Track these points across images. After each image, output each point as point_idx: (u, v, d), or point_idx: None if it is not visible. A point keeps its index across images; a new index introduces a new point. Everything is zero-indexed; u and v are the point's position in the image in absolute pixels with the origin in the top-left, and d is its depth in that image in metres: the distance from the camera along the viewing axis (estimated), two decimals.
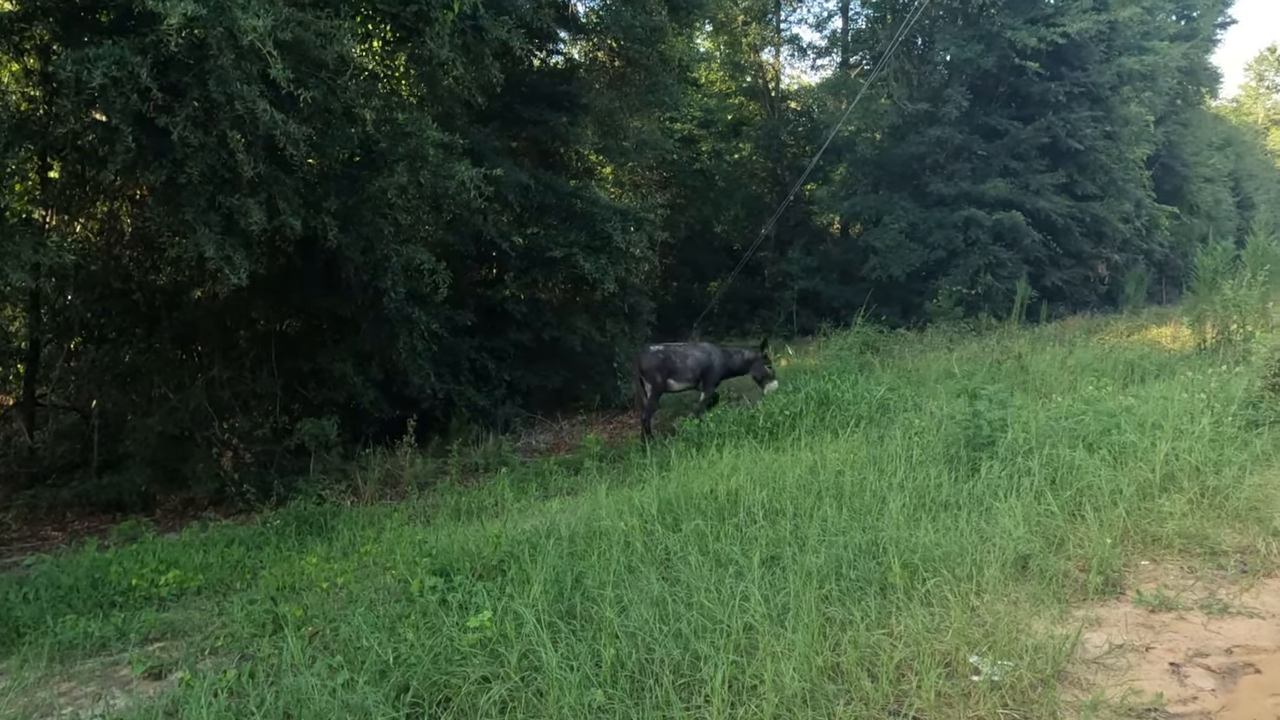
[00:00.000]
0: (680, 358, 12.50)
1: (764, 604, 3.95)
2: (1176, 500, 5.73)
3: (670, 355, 12.53)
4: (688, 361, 12.48)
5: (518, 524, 7.02)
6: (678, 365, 12.44)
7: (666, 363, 12.48)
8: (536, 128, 14.42)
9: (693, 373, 12.53)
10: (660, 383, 12.50)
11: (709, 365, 12.60)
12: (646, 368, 12.52)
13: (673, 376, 12.49)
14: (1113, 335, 18.18)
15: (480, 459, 11.54)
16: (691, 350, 12.75)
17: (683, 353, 12.60)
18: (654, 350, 12.70)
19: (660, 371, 12.48)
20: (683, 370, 12.47)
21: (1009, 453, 6.54)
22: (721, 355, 12.79)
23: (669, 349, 12.72)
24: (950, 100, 23.99)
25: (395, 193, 9.88)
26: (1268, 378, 8.06)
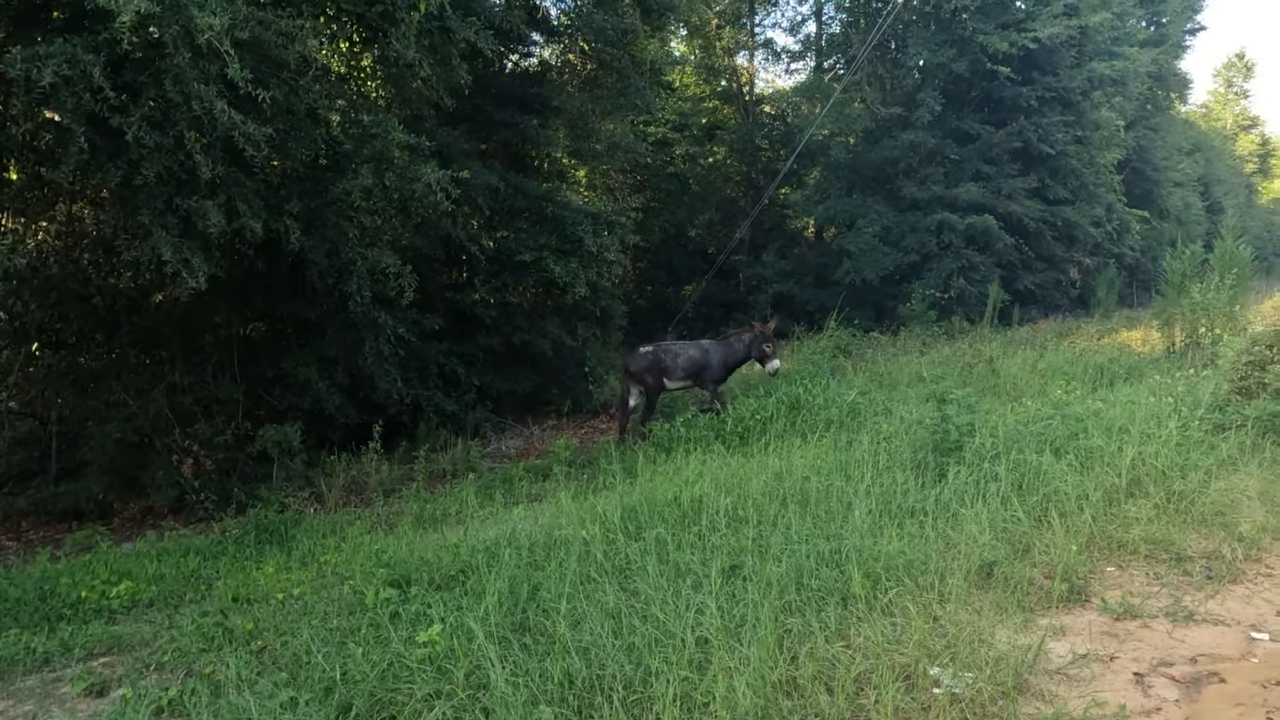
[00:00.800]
0: (672, 356, 12.35)
1: (721, 616, 3.85)
2: (1142, 505, 5.70)
3: (660, 355, 12.38)
4: (679, 360, 12.32)
5: (480, 532, 6.89)
6: (669, 364, 12.29)
7: (657, 363, 12.32)
8: (507, 130, 14.28)
9: (685, 370, 12.36)
10: (653, 384, 12.35)
11: (705, 363, 12.41)
12: (635, 370, 12.38)
13: (667, 376, 12.34)
14: (1084, 338, 18.27)
15: (448, 465, 11.40)
16: (686, 348, 12.58)
17: (675, 351, 12.46)
18: (643, 351, 12.56)
19: (651, 373, 12.33)
20: (675, 369, 12.30)
21: (976, 458, 6.49)
22: (722, 350, 12.53)
23: (659, 348, 12.58)
24: (923, 104, 24.04)
25: (359, 195, 9.73)
26: (1234, 381, 8.07)
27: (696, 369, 12.42)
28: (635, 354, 12.55)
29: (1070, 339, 18.26)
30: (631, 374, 12.45)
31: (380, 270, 10.30)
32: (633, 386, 12.55)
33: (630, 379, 12.51)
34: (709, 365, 12.42)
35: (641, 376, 12.40)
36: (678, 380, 12.47)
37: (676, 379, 12.44)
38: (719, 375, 12.56)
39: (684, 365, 12.36)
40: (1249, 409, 7.38)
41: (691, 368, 12.39)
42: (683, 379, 12.48)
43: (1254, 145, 63.13)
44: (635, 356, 12.50)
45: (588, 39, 15.00)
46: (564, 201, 14.22)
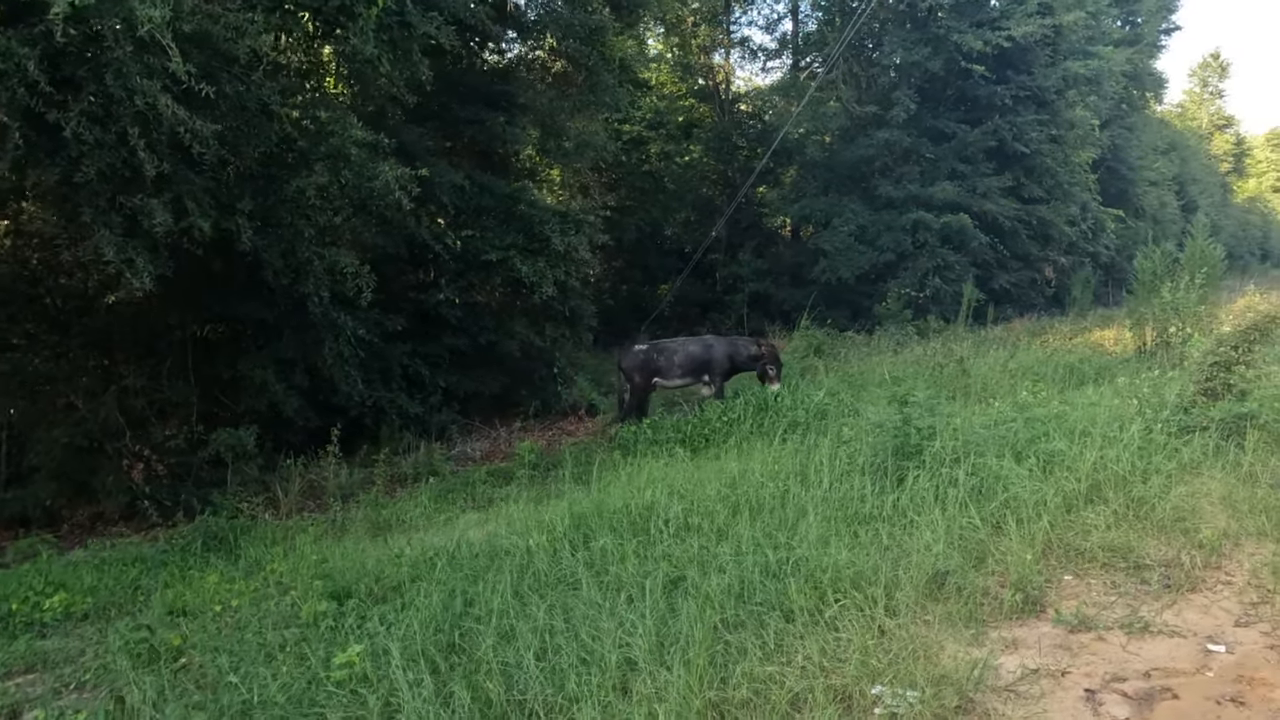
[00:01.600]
0: (667, 354, 12.12)
1: (653, 633, 3.68)
2: (1102, 511, 5.57)
3: (653, 354, 12.16)
4: (676, 358, 12.07)
5: (430, 539, 6.70)
6: (663, 363, 12.05)
7: (649, 362, 12.10)
8: (473, 128, 14.06)
9: (683, 368, 12.09)
10: (641, 382, 12.12)
11: (708, 359, 12.15)
12: (626, 367, 12.21)
13: (659, 375, 12.10)
14: (1057, 338, 18.23)
15: (410, 469, 11.19)
16: (685, 345, 12.34)
17: (671, 349, 12.24)
18: (635, 349, 12.39)
19: (641, 371, 12.11)
20: (670, 367, 12.05)
21: (936, 462, 6.34)
22: (727, 347, 12.30)
23: (654, 347, 12.39)
24: (899, 103, 23.97)
25: (314, 193, 9.50)
26: (1200, 382, 7.96)
27: (698, 365, 12.16)
28: (629, 351, 12.43)
29: (1043, 338, 18.22)
30: (622, 370, 12.29)
31: (339, 270, 10.06)
32: (624, 383, 12.38)
33: (622, 375, 12.28)
34: (713, 360, 12.18)
35: (630, 374, 12.22)
36: (675, 379, 12.24)
37: (674, 377, 12.21)
38: (725, 370, 12.28)
39: (682, 363, 12.10)
40: (1213, 411, 7.28)
41: (692, 364, 12.14)
42: (682, 377, 12.24)
43: (1229, 145, 63.61)
44: (628, 354, 12.37)
45: (556, 35, 14.80)
46: (531, 200, 14.04)
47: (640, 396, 12.31)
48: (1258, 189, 68.37)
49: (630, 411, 12.25)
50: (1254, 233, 62.27)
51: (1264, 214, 66.47)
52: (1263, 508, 5.96)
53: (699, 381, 12.44)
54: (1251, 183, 67.92)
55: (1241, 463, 6.61)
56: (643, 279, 26.58)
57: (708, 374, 12.26)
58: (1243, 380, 7.58)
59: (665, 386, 12.47)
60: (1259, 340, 7.91)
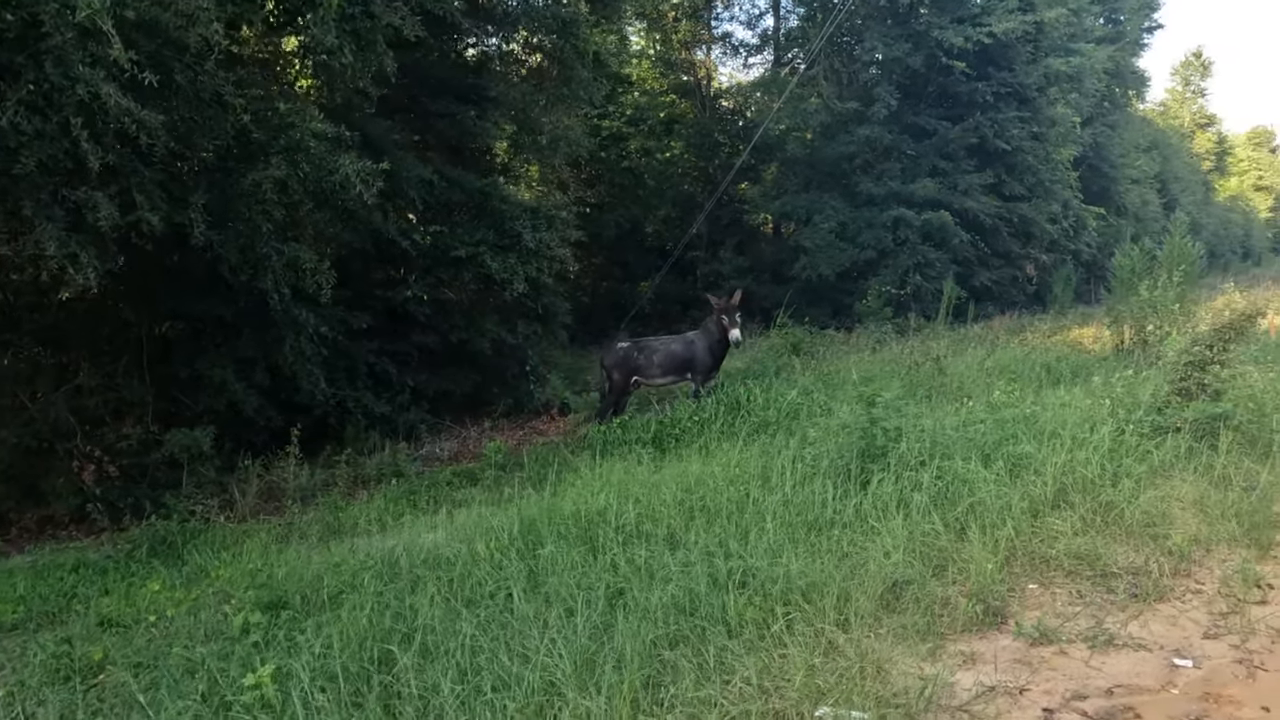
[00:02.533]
0: (648, 353, 11.83)
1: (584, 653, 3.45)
2: (1069, 517, 5.38)
3: (633, 352, 11.88)
4: (656, 357, 11.79)
5: (379, 544, 6.45)
6: (642, 361, 11.79)
7: (628, 360, 11.84)
8: (443, 122, 13.79)
9: (662, 367, 11.82)
10: (620, 380, 11.85)
11: (689, 357, 11.83)
12: (606, 364, 12.01)
13: (639, 373, 11.84)
14: (1036, 336, 18.09)
15: (374, 470, 10.92)
16: (666, 344, 12.07)
17: (651, 348, 11.94)
18: (617, 347, 12.14)
19: (620, 369, 11.85)
20: (650, 366, 11.79)
21: (902, 465, 6.14)
22: (704, 338, 11.89)
23: (635, 345, 12.11)
24: (879, 99, 23.82)
25: (271, 187, 9.21)
26: (1174, 382, 7.79)
27: (680, 363, 11.87)
28: (610, 348, 12.21)
29: (1022, 336, 18.06)
30: (604, 368, 12.10)
31: (298, 266, 9.80)
32: (605, 381, 12.17)
33: (602, 371, 12.15)
34: (694, 357, 11.83)
35: (609, 371, 11.99)
36: (656, 378, 11.97)
37: (653, 376, 11.93)
38: (707, 365, 11.91)
39: (662, 362, 11.82)
40: (1187, 411, 7.11)
41: (672, 363, 11.85)
42: (663, 376, 11.96)
43: (1211, 143, 63.81)
44: (609, 351, 12.15)
45: (529, 28, 14.55)
46: (502, 195, 13.79)
47: (617, 394, 12.05)
48: (1239, 187, 68.69)
49: (606, 409, 12.01)
50: (1235, 231, 62.51)
51: (1245, 212, 66.78)
52: (1235, 512, 5.79)
53: (683, 380, 12.17)
54: (1233, 181, 68.21)
55: (1214, 465, 6.44)
56: (623, 276, 26.34)
57: (690, 372, 11.99)
58: (1217, 380, 7.41)
59: (647, 385, 12.22)
60: (1234, 339, 7.74)
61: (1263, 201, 72.44)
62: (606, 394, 12.12)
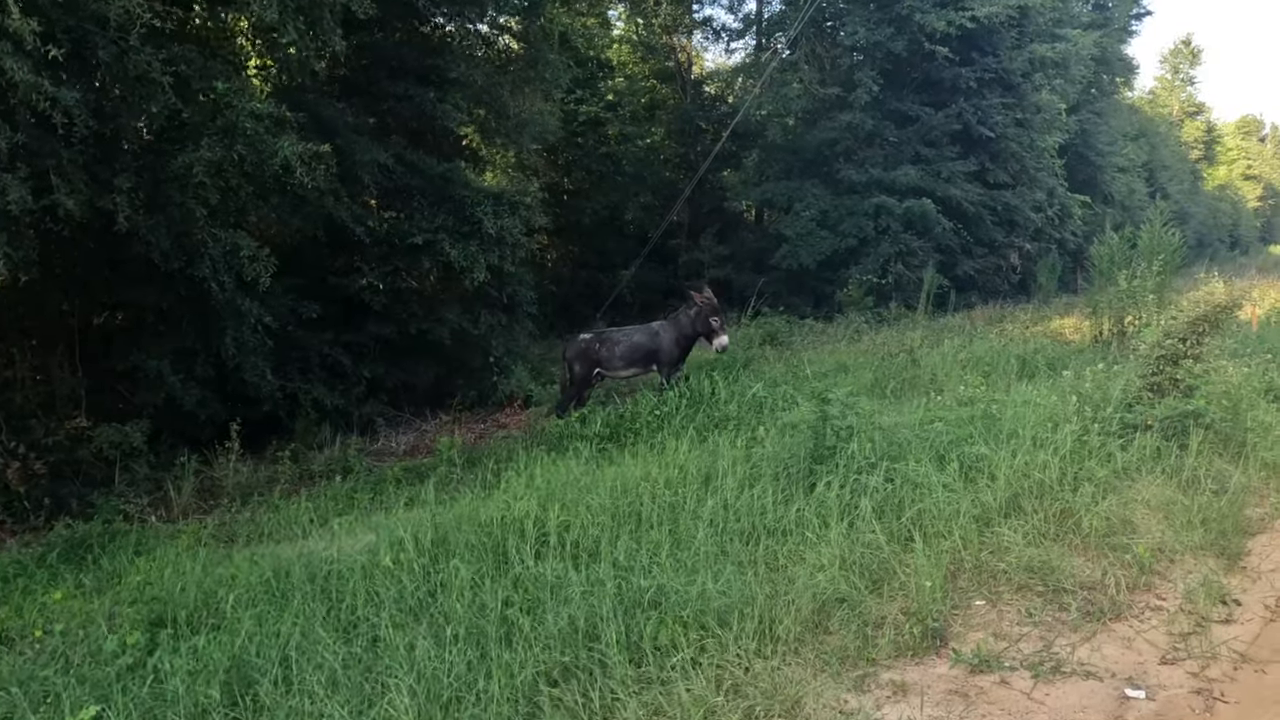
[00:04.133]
0: (609, 344, 11.42)
1: (450, 690, 3.05)
2: (1021, 525, 4.99)
3: (595, 344, 11.47)
4: (618, 349, 11.39)
5: (294, 550, 6.04)
6: (604, 353, 11.39)
7: (589, 352, 11.44)
8: (402, 104, 13.28)
9: (625, 359, 11.44)
10: (582, 372, 11.44)
11: (654, 349, 11.43)
12: (568, 357, 11.64)
13: (601, 365, 11.45)
14: (1016, 326, 17.73)
15: (322, 465, 10.49)
16: (629, 334, 11.67)
17: (614, 339, 11.54)
18: (580, 338, 11.73)
19: (581, 360, 11.44)
20: (612, 358, 11.40)
21: (851, 467, 5.75)
22: (671, 330, 11.50)
23: (597, 336, 11.71)
24: (861, 85, 23.35)
25: (203, 170, 8.74)
26: (1146, 377, 7.42)
27: (643, 355, 11.46)
28: (572, 340, 11.82)
29: (1002, 326, 17.70)
30: (565, 360, 11.75)
31: (237, 254, 9.35)
32: (567, 373, 11.81)
33: (564, 364, 11.81)
34: (659, 349, 11.43)
35: (570, 363, 11.59)
36: (618, 369, 11.59)
37: (616, 368, 11.55)
38: (673, 357, 11.50)
39: (624, 354, 11.42)
40: (1157, 409, 6.74)
41: (635, 355, 11.45)
42: (626, 367, 11.59)
43: (1199, 131, 63.49)
44: (570, 342, 11.76)
45: (494, 7, 14.05)
46: (463, 181, 13.31)
47: (579, 387, 11.63)
48: (1228, 176, 68.46)
49: (566, 403, 11.61)
50: (1224, 220, 62.33)
51: (1234, 201, 66.58)
52: (1203, 518, 5.43)
53: (647, 371, 11.77)
54: (1222, 170, 67.96)
55: (1184, 466, 6.08)
56: (600, 264, 25.81)
57: (655, 364, 11.57)
58: (1190, 375, 7.04)
59: (611, 377, 11.80)
60: (1209, 332, 7.38)
61: (1251, 191, 72.26)
62: (567, 386, 11.73)
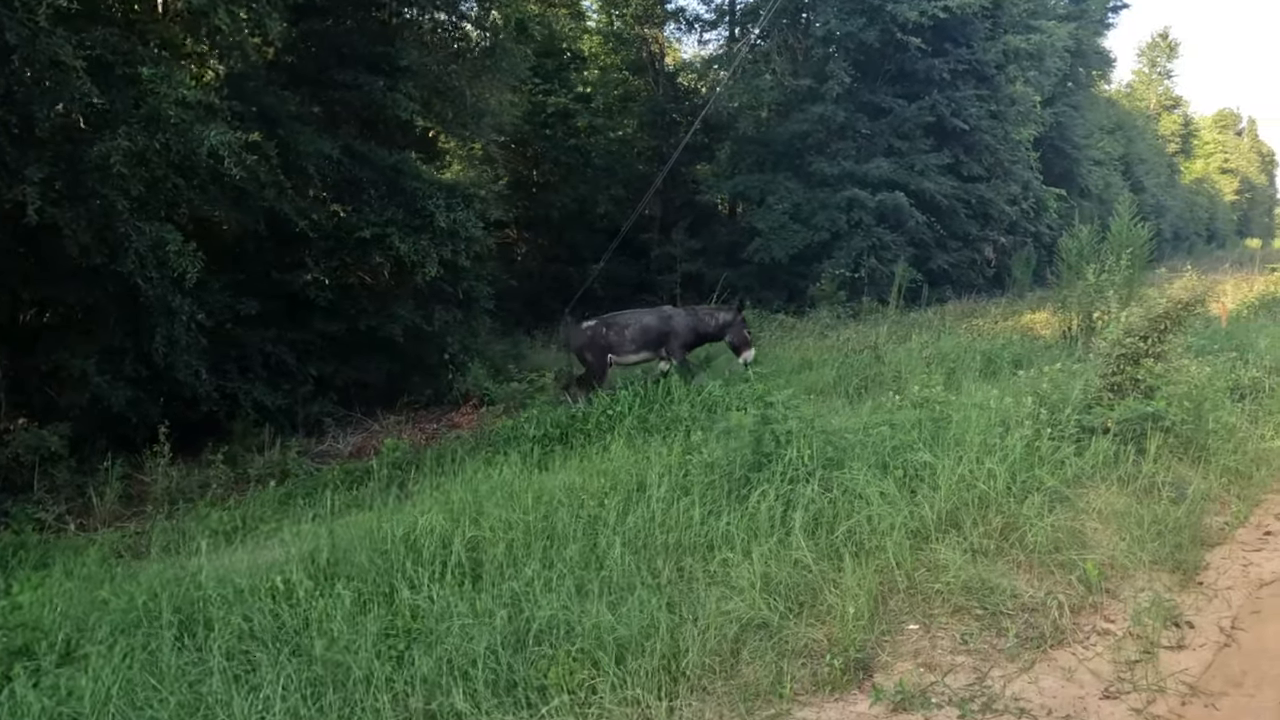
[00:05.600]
0: (618, 328, 11.06)
1: None
2: (961, 541, 4.64)
3: (603, 327, 11.10)
4: (627, 332, 11.04)
5: (195, 565, 5.62)
6: (614, 338, 11.04)
7: (597, 338, 11.08)
8: (352, 93, 12.83)
9: (636, 342, 11.07)
10: (595, 360, 11.07)
11: (666, 331, 11.10)
12: (575, 347, 11.30)
13: (614, 351, 11.08)
14: (987, 321, 17.46)
15: (260, 468, 10.06)
16: (639, 318, 11.30)
17: (621, 322, 11.17)
18: (583, 327, 11.34)
19: (591, 348, 11.09)
20: (622, 342, 11.03)
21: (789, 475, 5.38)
22: (687, 318, 11.25)
23: (602, 321, 11.31)
24: (833, 76, 23.03)
25: (122, 160, 8.30)
26: (1106, 376, 7.10)
27: (655, 338, 11.11)
28: (575, 330, 11.39)
29: (973, 321, 17.43)
30: (573, 350, 11.39)
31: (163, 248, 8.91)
32: (577, 364, 11.43)
33: (571, 356, 11.47)
34: (672, 332, 11.10)
35: (580, 353, 11.24)
36: (629, 354, 11.23)
37: (627, 352, 11.20)
38: (686, 342, 11.22)
39: (635, 336, 11.06)
40: (1116, 410, 6.41)
41: (646, 337, 11.08)
42: (636, 352, 11.23)
43: (1176, 125, 63.56)
44: (574, 333, 11.34)
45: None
46: (414, 172, 12.88)
47: (598, 376, 11.16)
48: (1205, 170, 68.70)
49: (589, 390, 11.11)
50: (1201, 213, 62.59)
51: (1211, 195, 66.87)
52: (1159, 529, 5.10)
53: (657, 356, 11.38)
54: (1199, 163, 68.17)
55: (1141, 473, 5.75)
56: (571, 258, 25.38)
57: (665, 348, 11.21)
58: (1151, 375, 6.72)
59: (620, 363, 11.41)
60: (1171, 330, 7.06)
61: (1228, 184, 72.57)
62: (585, 377, 11.27)
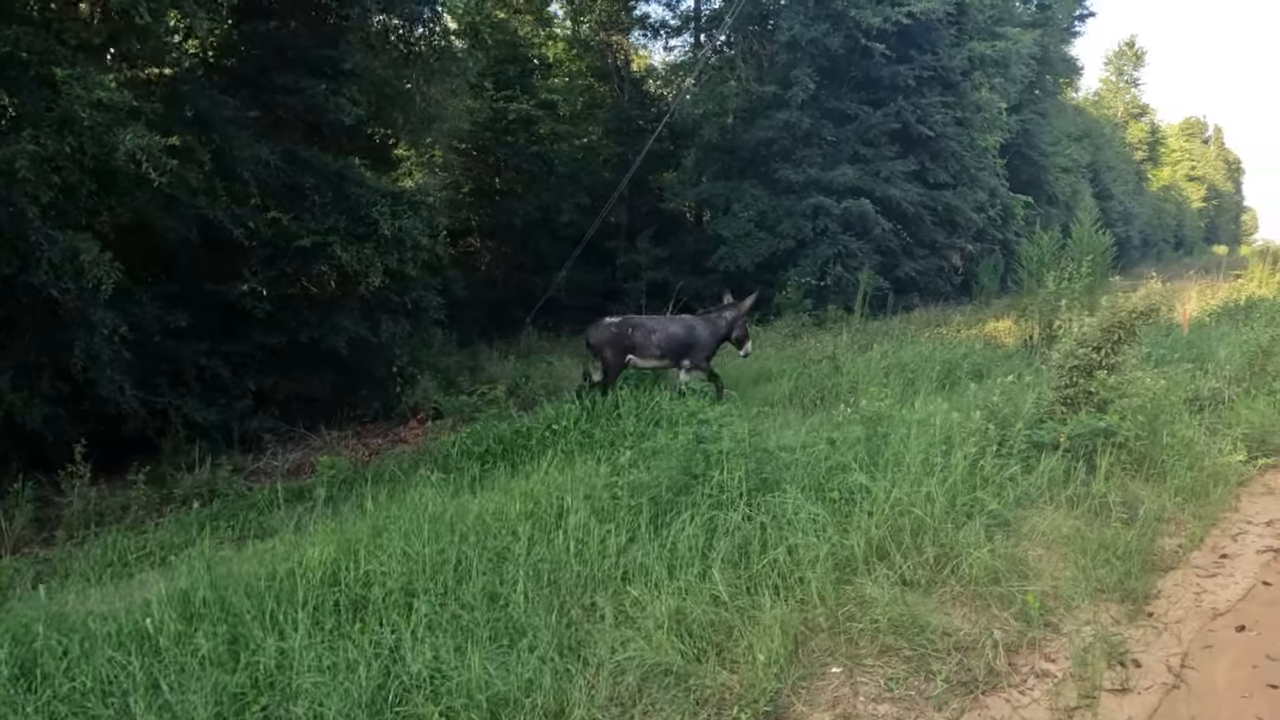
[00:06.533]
0: (644, 330, 10.96)
1: None
2: (891, 573, 4.30)
3: (628, 328, 10.95)
4: (654, 336, 10.94)
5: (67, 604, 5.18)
6: (639, 339, 10.92)
7: (621, 338, 10.88)
8: (292, 97, 12.38)
9: (662, 348, 10.97)
10: (613, 359, 10.87)
11: (691, 341, 11.04)
12: (595, 342, 11.02)
13: (635, 353, 10.94)
14: (951, 329, 17.22)
15: (189, 488, 9.58)
16: (664, 324, 11.24)
17: (647, 326, 11.07)
18: (606, 323, 11.12)
19: (612, 347, 10.86)
20: (648, 345, 10.94)
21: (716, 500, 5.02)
22: (707, 326, 11.21)
23: (626, 321, 11.17)
24: (797, 82, 22.78)
25: (28, 164, 7.84)
26: (1058, 389, 6.80)
27: (679, 347, 11.01)
28: (598, 325, 11.15)
29: (937, 329, 17.18)
30: (591, 346, 11.10)
31: (76, 257, 8.45)
32: (593, 361, 11.20)
33: (590, 352, 11.19)
34: (697, 343, 11.07)
35: (599, 349, 10.97)
36: (651, 359, 11.10)
37: (650, 357, 11.06)
38: (709, 353, 11.21)
39: (660, 343, 10.96)
40: (1067, 426, 6.11)
41: (671, 345, 10.98)
42: (659, 358, 11.12)
43: (1144, 133, 64.01)
44: (597, 328, 11.08)
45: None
46: (359, 179, 12.43)
47: (612, 375, 10.98)
48: (1172, 177, 69.24)
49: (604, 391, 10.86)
50: (1169, 220, 63.06)
51: (1178, 202, 67.40)
52: (1109, 554, 4.79)
53: (675, 365, 11.25)
54: (1166, 171, 68.70)
55: (1091, 492, 5.44)
56: (535, 266, 24.96)
57: (688, 358, 11.13)
58: (1104, 388, 6.43)
59: (638, 366, 11.22)
60: (1125, 340, 6.77)
61: (1195, 192, 73.19)
62: (604, 376, 11.02)
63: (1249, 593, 4.67)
